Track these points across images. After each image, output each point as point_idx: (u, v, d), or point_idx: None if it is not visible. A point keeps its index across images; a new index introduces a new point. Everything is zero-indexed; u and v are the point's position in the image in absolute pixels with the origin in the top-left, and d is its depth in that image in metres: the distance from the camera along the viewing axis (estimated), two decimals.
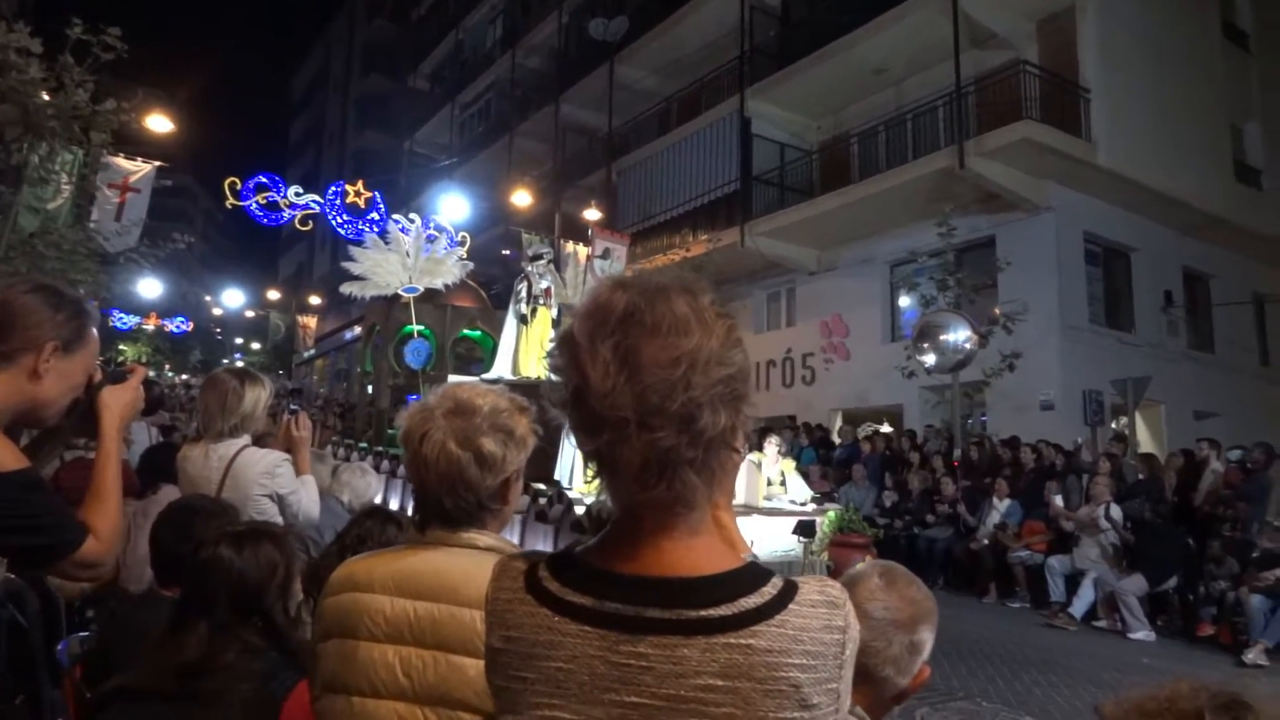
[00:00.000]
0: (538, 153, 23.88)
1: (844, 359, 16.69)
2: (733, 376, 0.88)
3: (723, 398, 0.87)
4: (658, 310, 0.87)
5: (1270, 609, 7.60)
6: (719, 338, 0.88)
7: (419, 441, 1.36)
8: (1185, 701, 1.10)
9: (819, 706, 0.85)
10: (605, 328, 0.87)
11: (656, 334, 0.86)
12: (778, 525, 7.52)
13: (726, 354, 0.88)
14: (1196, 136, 15.10)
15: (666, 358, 0.85)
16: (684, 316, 0.87)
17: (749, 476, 8.24)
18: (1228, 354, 16.38)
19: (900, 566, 1.57)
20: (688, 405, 0.84)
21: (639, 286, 0.90)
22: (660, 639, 0.85)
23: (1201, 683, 1.14)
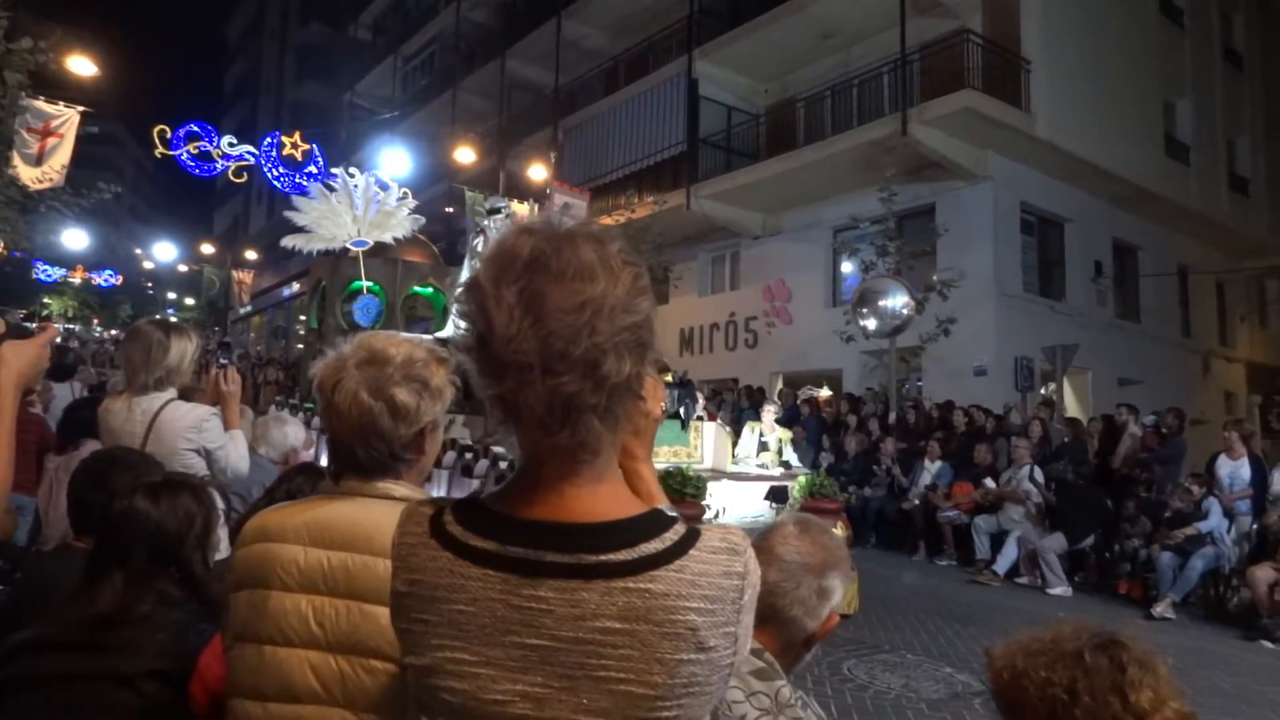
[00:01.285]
0: (482, 109, 23.42)
1: (786, 323, 16.88)
2: (638, 324, 0.89)
3: (627, 345, 0.87)
4: (563, 256, 0.87)
5: (1178, 565, 7.99)
6: (625, 285, 0.88)
7: (331, 391, 1.35)
8: (1067, 642, 1.17)
9: (716, 649, 0.88)
10: (510, 273, 0.87)
11: (561, 279, 0.86)
12: (749, 490, 7.44)
13: (632, 301, 0.88)
14: (1130, 111, 15.48)
15: (571, 303, 0.85)
16: (589, 263, 0.87)
17: (718, 441, 8.23)
18: (1152, 324, 17.00)
19: (816, 518, 1.63)
20: (592, 351, 0.85)
21: (545, 232, 0.90)
22: (560, 583, 0.86)
23: (1083, 623, 1.21)
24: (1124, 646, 1.17)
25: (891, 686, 5.36)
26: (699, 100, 17.33)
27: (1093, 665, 1.14)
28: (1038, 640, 1.22)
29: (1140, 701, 1.11)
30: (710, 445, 8.18)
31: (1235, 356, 19.85)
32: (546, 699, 0.86)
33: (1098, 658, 1.15)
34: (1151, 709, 1.11)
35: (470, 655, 0.88)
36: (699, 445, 8.09)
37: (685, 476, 6.43)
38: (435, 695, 0.90)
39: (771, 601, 1.47)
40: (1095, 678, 1.13)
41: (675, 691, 0.86)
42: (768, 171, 15.81)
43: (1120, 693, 1.12)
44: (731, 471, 7.94)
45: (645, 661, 0.85)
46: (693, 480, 6.43)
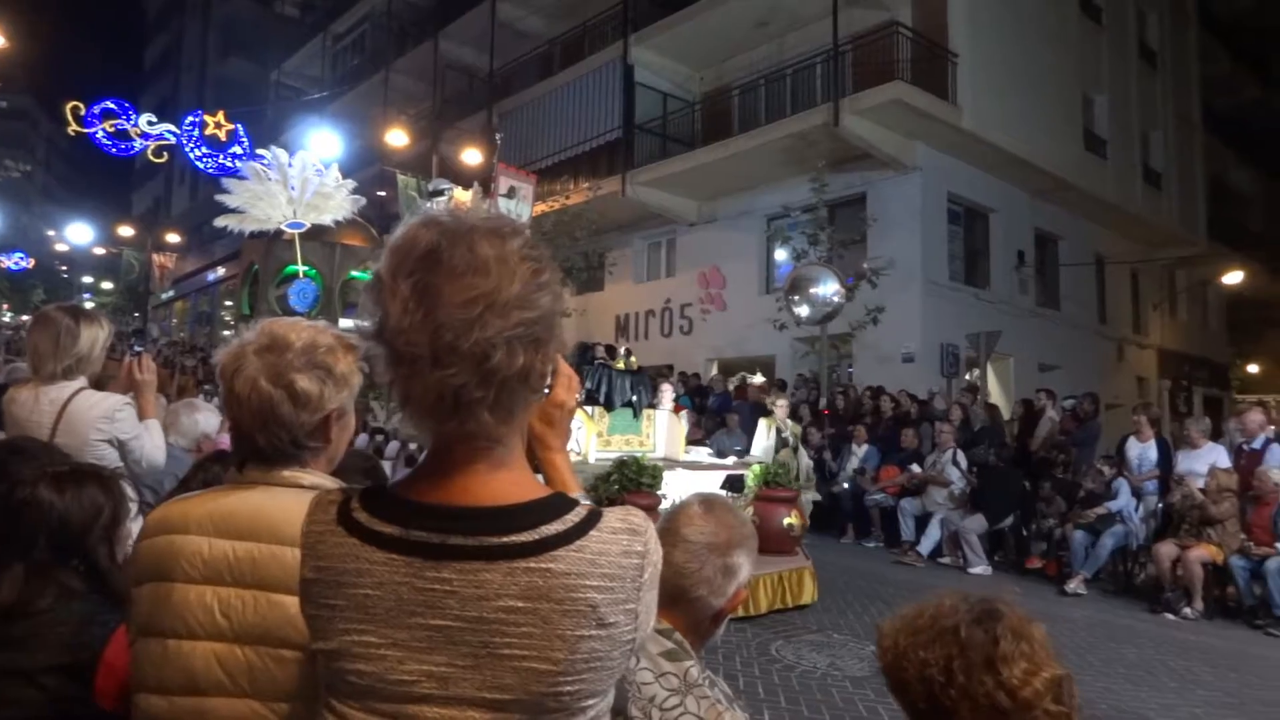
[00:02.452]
0: (415, 91, 22.99)
1: (721, 310, 17.04)
2: (534, 320, 0.91)
3: (521, 340, 0.89)
4: (458, 250, 0.89)
5: (1090, 543, 8.36)
6: (521, 281, 0.90)
7: (231, 378, 1.33)
8: (946, 618, 1.22)
9: (616, 625, 0.92)
10: (406, 265, 0.90)
11: (454, 274, 0.88)
12: (705, 479, 7.35)
13: (529, 297, 0.90)
14: (1051, 105, 15.96)
15: (462, 298, 0.87)
16: (484, 258, 0.89)
17: (670, 429, 8.23)
18: (1071, 311, 17.63)
19: (725, 499, 1.66)
20: (481, 345, 0.87)
21: (445, 226, 0.92)
22: (464, 564, 0.89)
23: (962, 596, 1.26)
24: (1000, 617, 1.21)
25: (817, 665, 5.50)
26: (635, 86, 17.31)
27: (968, 640, 1.18)
28: (920, 616, 1.25)
29: (1012, 677, 1.15)
30: (663, 434, 8.19)
31: (1147, 343, 20.72)
32: (451, 678, 0.89)
33: (973, 632, 1.19)
34: (1022, 683, 1.15)
35: (377, 638, 0.90)
36: (651, 433, 8.10)
37: (641, 466, 6.40)
38: (343, 678, 0.93)
39: (679, 582, 1.50)
40: (970, 652, 1.17)
41: (576, 666, 0.89)
42: (703, 159, 15.89)
43: (993, 669, 1.16)
44: (685, 460, 7.91)
45: (547, 638, 0.88)
46: (649, 469, 6.39)
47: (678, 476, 6.85)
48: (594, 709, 0.94)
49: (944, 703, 1.17)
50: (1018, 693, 1.15)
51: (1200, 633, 7.03)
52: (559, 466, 1.13)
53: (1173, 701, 5.20)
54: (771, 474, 7.54)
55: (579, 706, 0.92)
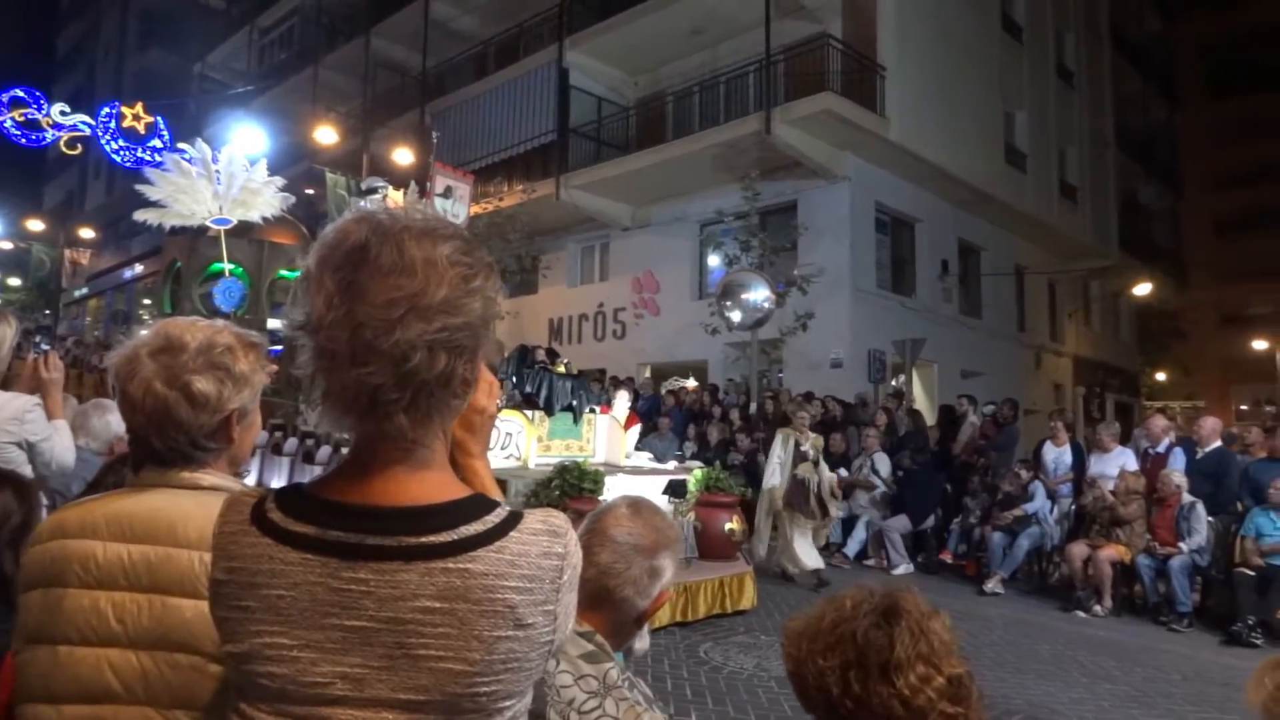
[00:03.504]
0: (345, 88, 22.53)
1: (654, 314, 17.11)
2: (459, 325, 0.90)
3: (443, 344, 0.89)
4: (386, 249, 0.89)
5: (1007, 544, 8.64)
6: (449, 285, 0.90)
7: (125, 381, 1.29)
8: (846, 623, 1.21)
9: (534, 626, 0.91)
10: (334, 259, 0.90)
11: (380, 273, 0.88)
12: (646, 484, 7.14)
13: (457, 302, 0.90)
14: (975, 119, 16.48)
15: (385, 298, 0.87)
16: (411, 259, 0.89)
17: (610, 434, 8.13)
18: (992, 319, 18.20)
19: (651, 501, 1.67)
20: (400, 346, 0.86)
21: (377, 223, 0.91)
22: (380, 565, 0.88)
23: (868, 593, 1.26)
24: (899, 616, 1.20)
25: (744, 667, 5.56)
26: (569, 89, 17.28)
27: (865, 645, 1.18)
28: (823, 619, 1.24)
29: (906, 686, 1.15)
30: (603, 438, 8.10)
31: (1064, 351, 21.53)
32: (366, 679, 0.88)
33: (872, 635, 1.19)
34: (916, 691, 1.14)
35: (289, 640, 0.88)
36: (591, 438, 8.02)
37: (583, 471, 6.34)
38: (255, 681, 0.91)
39: (604, 583, 1.50)
40: (867, 658, 1.17)
41: (494, 667, 0.89)
42: (637, 164, 15.95)
43: (888, 678, 1.15)
44: (626, 466, 7.83)
45: (464, 639, 0.87)
46: (590, 475, 6.32)
47: (619, 482, 6.76)
48: (511, 710, 0.94)
49: (840, 711, 1.18)
50: (912, 701, 1.15)
51: (1109, 629, 7.32)
52: (479, 473, 1.13)
53: (1082, 695, 5.40)
54: (713, 479, 7.46)
55: (495, 708, 0.91)
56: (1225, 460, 8.20)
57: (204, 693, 1.18)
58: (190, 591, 1.21)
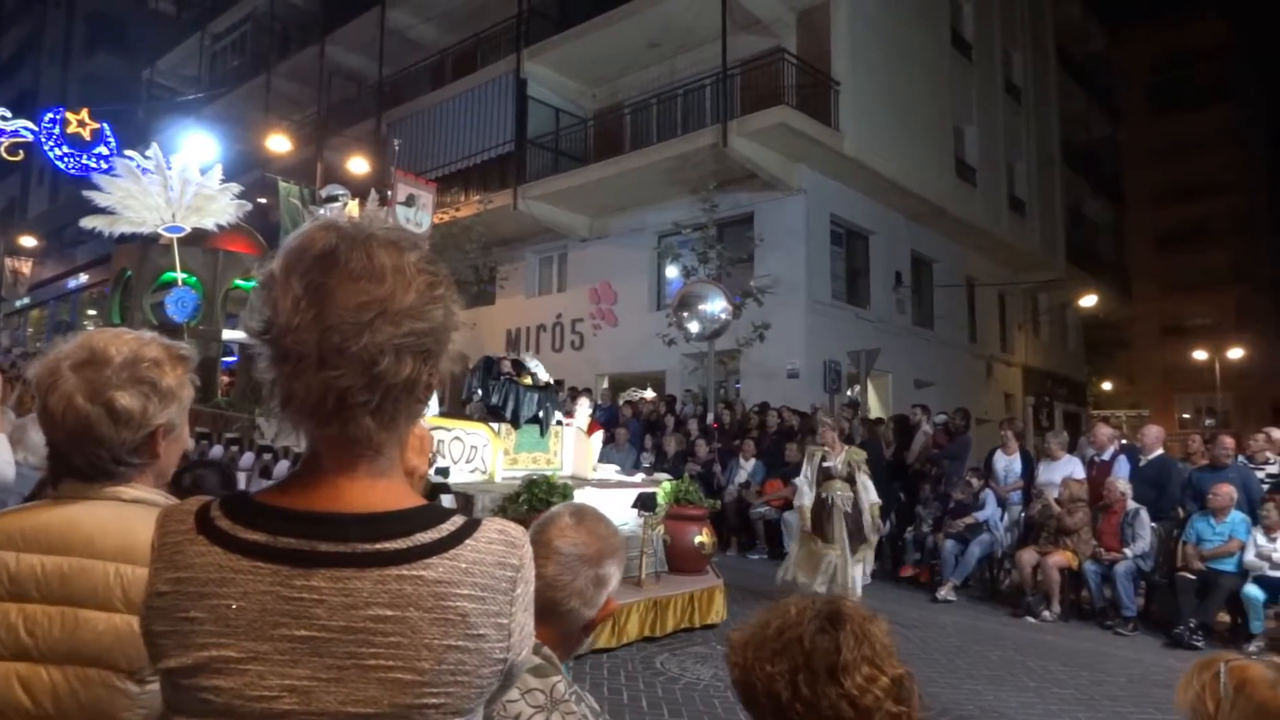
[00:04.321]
0: (299, 96, 22.26)
1: (612, 325, 17.12)
2: (425, 331, 0.91)
3: (411, 349, 0.90)
4: (356, 256, 0.90)
5: (959, 552, 8.77)
6: (416, 292, 0.91)
7: (45, 394, 1.26)
8: (791, 630, 1.24)
9: (486, 638, 0.91)
10: (301, 264, 0.90)
11: (349, 278, 0.89)
12: (615, 497, 6.98)
13: (423, 309, 0.91)
14: (926, 134, 16.81)
15: (355, 302, 0.88)
16: (381, 266, 0.90)
17: (578, 446, 8.03)
18: (944, 330, 18.53)
19: (594, 508, 1.66)
20: (370, 349, 0.87)
21: (345, 230, 0.92)
22: (334, 572, 0.87)
23: (808, 601, 1.29)
24: (843, 621, 1.24)
25: (701, 678, 5.57)
26: (527, 100, 17.27)
27: (812, 649, 1.21)
28: (768, 627, 1.27)
29: (854, 686, 1.18)
30: (570, 452, 7.99)
31: (1013, 361, 21.98)
32: (314, 691, 0.86)
33: (818, 640, 1.22)
34: (863, 691, 1.18)
35: (237, 652, 0.87)
36: (558, 451, 7.91)
37: (551, 485, 6.21)
38: (196, 697, 0.88)
39: (550, 595, 1.50)
40: (814, 662, 1.20)
41: (442, 678, 0.88)
42: (595, 175, 15.98)
43: (835, 680, 1.18)
44: (594, 479, 7.68)
45: (414, 648, 0.87)
46: (559, 489, 6.19)
47: (587, 495, 6.60)
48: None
49: (790, 716, 1.19)
50: (859, 701, 1.17)
51: (1057, 634, 7.47)
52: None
53: (1031, 700, 5.49)
54: (682, 492, 7.33)
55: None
56: (1167, 468, 8.43)
57: (116, 710, 1.15)
58: (105, 605, 1.18)
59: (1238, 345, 33.37)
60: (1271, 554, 6.97)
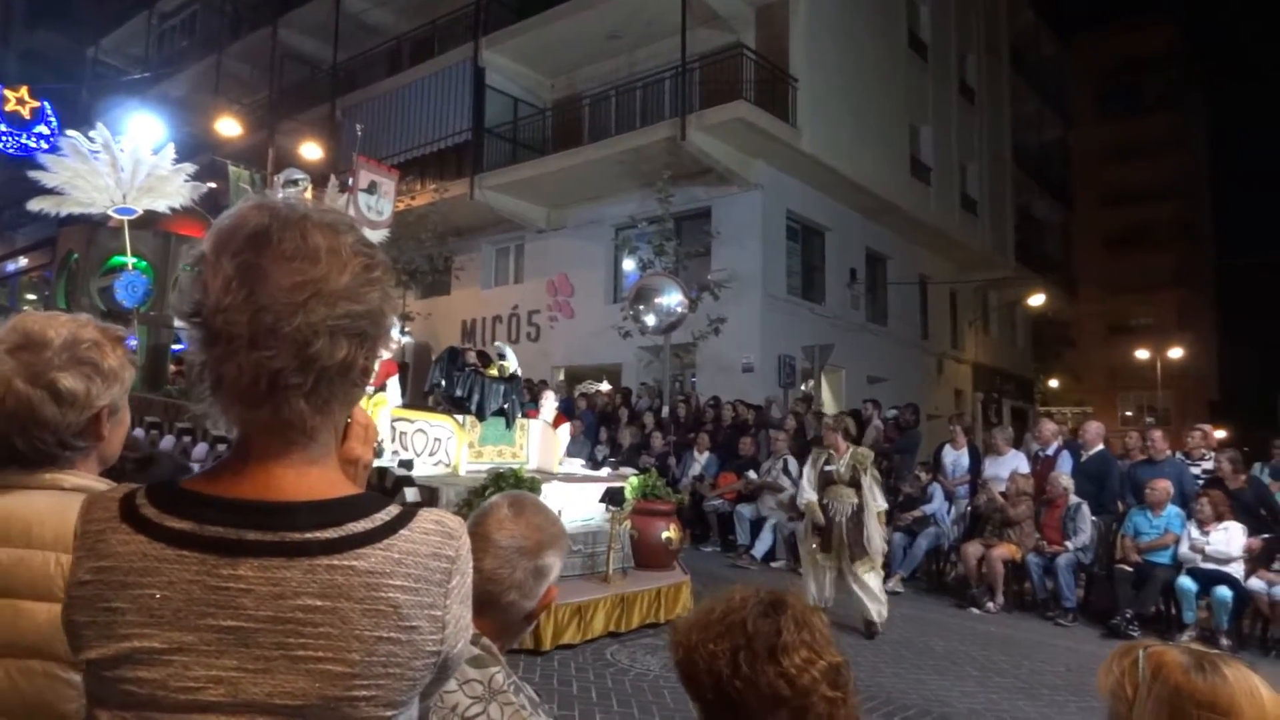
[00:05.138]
0: (251, 79, 21.80)
1: (569, 318, 17.08)
2: (360, 313, 0.90)
3: (346, 331, 0.89)
4: (290, 236, 0.88)
5: (907, 544, 8.92)
6: (351, 274, 0.90)
7: None
8: (735, 613, 1.27)
9: (419, 630, 0.89)
10: (233, 244, 0.88)
11: (282, 258, 0.87)
12: (583, 492, 6.88)
13: (359, 290, 0.90)
14: (882, 132, 17.01)
15: (289, 282, 0.86)
16: (315, 247, 0.89)
17: (544, 439, 7.92)
18: (897, 327, 18.81)
19: (532, 497, 1.64)
20: (303, 330, 0.86)
21: (278, 210, 0.91)
22: (261, 561, 0.85)
23: (754, 589, 1.32)
24: (784, 609, 1.28)
25: (651, 669, 5.58)
26: (485, 89, 17.12)
27: (754, 632, 1.24)
28: (713, 612, 1.31)
29: (792, 666, 1.21)
30: (536, 445, 7.90)
31: (964, 358, 22.40)
32: (240, 682, 0.84)
33: (760, 624, 1.25)
34: (800, 670, 1.21)
35: (161, 642, 0.84)
36: (524, 445, 7.81)
37: (519, 478, 6.09)
38: (119, 689, 0.86)
39: (489, 589, 1.48)
40: (755, 644, 1.23)
41: (373, 670, 0.86)
42: (553, 166, 15.91)
43: (775, 659, 1.22)
44: (560, 473, 7.53)
45: (344, 639, 0.85)
46: (527, 482, 6.09)
47: (554, 489, 6.50)
48: (400, 718, 0.91)
49: (729, 693, 1.22)
50: (796, 680, 1.21)
51: (1000, 625, 7.64)
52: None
53: (973, 689, 5.61)
54: (649, 487, 7.22)
55: (377, 716, 0.88)
56: (1107, 463, 8.66)
57: (60, 701, 1.13)
58: (45, 595, 1.16)
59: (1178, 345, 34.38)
60: (1204, 547, 7.19)
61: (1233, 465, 7.91)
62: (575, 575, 6.45)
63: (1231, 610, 7.01)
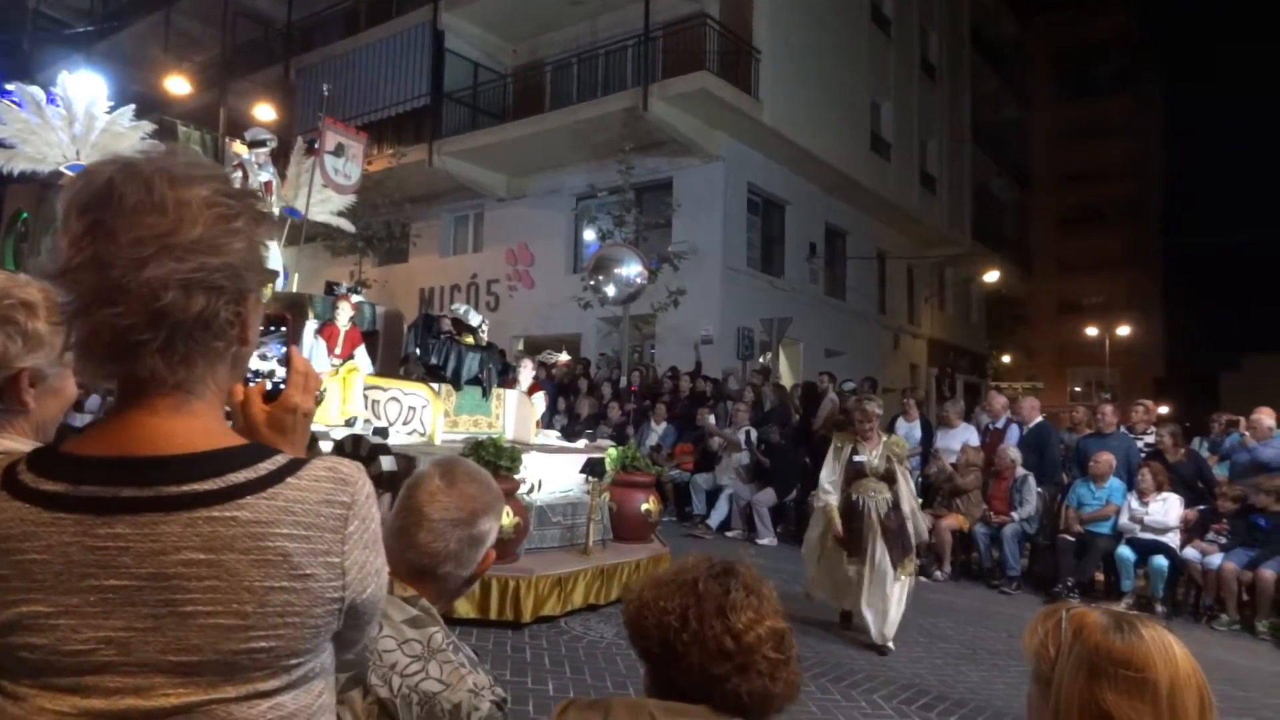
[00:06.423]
0: (201, 36, 21.14)
1: (528, 287, 16.97)
2: (218, 266, 0.88)
3: (201, 284, 0.87)
4: (132, 188, 0.87)
5: None
6: (205, 225, 0.88)
7: None
8: (688, 573, 1.31)
9: (314, 578, 0.88)
10: (79, 201, 0.88)
11: (127, 213, 0.86)
12: (562, 462, 6.78)
13: (214, 242, 0.89)
14: (843, 107, 17.05)
15: (133, 236, 0.85)
16: (162, 199, 0.87)
17: (520, 409, 7.82)
18: (855, 301, 18.99)
19: (465, 462, 1.61)
20: (151, 284, 0.85)
21: (126, 164, 0.89)
22: (138, 518, 0.84)
23: (705, 555, 1.36)
24: (736, 574, 1.32)
25: (604, 636, 5.63)
26: (444, 53, 16.80)
27: (705, 592, 1.28)
28: (666, 573, 1.35)
29: (739, 622, 1.25)
30: (512, 415, 7.80)
31: (920, 334, 22.71)
32: (132, 642, 0.84)
33: (710, 585, 1.29)
34: (746, 628, 1.25)
35: (47, 607, 0.83)
36: (500, 414, 7.71)
37: (499, 448, 5.93)
38: (12, 655, 0.85)
39: (423, 562, 1.47)
40: (704, 603, 1.27)
41: (268, 620, 0.86)
42: (513, 133, 15.71)
43: (723, 616, 1.25)
44: (536, 444, 7.45)
45: (233, 591, 0.84)
46: (507, 452, 5.93)
47: (532, 460, 6.36)
48: (303, 669, 0.91)
49: (676, 646, 1.25)
50: (742, 637, 1.24)
51: (948, 593, 7.82)
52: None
53: (920, 655, 5.75)
54: (628, 459, 7.11)
55: (282, 666, 0.88)
56: (1045, 433, 8.87)
57: None
58: None
59: (1126, 323, 35.19)
60: (1143, 517, 7.42)
61: (1173, 439, 8.16)
62: (555, 547, 6.44)
63: (1167, 578, 7.26)
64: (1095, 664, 1.11)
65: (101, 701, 0.84)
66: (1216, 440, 9.28)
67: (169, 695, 0.84)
